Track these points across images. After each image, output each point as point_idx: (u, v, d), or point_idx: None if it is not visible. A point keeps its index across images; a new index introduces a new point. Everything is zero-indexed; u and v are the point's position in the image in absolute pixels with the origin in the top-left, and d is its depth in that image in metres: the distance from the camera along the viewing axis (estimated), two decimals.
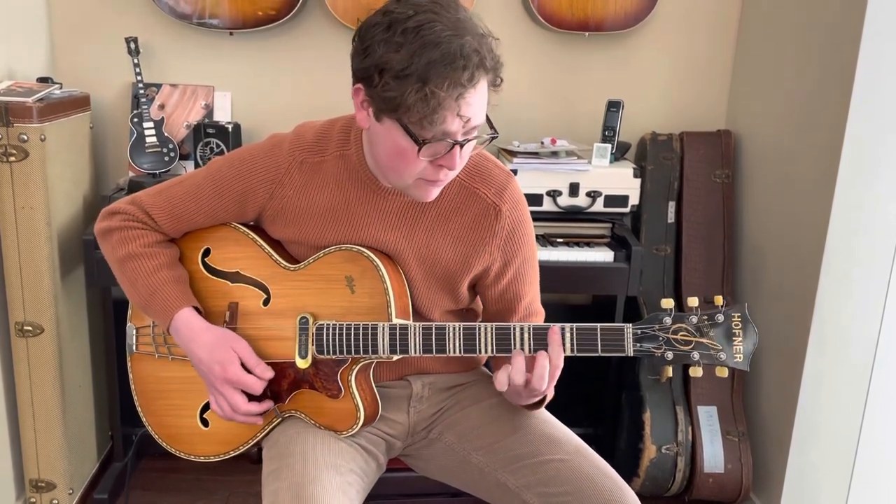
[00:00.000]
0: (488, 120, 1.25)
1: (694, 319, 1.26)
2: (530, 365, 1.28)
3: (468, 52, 1.13)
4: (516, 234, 1.39)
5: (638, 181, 2.28)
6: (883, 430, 2.11)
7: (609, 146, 2.31)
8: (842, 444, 2.12)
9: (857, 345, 2.06)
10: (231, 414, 1.36)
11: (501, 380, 1.28)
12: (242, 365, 1.35)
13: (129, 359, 1.50)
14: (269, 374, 1.36)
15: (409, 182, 1.27)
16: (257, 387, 1.35)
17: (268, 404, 1.38)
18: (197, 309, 1.39)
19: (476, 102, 1.17)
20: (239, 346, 1.35)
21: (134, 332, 1.49)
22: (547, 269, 2.10)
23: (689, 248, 2.44)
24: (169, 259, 1.41)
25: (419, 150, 1.19)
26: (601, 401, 2.51)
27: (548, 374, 1.27)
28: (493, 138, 1.28)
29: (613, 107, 2.34)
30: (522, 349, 1.29)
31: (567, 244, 2.25)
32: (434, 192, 1.29)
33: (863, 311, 2.04)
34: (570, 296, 2.69)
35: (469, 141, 1.22)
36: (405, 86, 1.13)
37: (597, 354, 1.28)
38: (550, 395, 1.36)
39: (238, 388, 1.35)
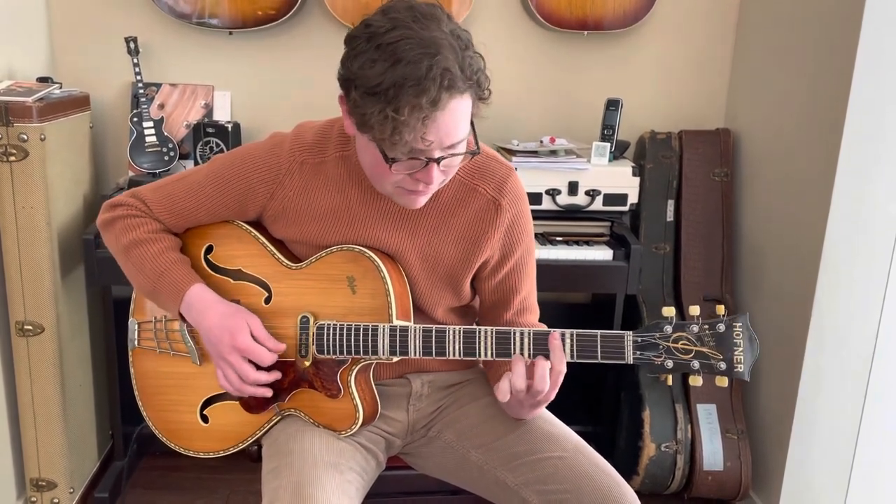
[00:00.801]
0: (474, 134, 1.24)
1: (695, 328, 1.26)
2: (530, 371, 1.28)
3: (435, 74, 1.11)
4: (516, 227, 1.40)
5: (637, 180, 2.28)
6: (882, 428, 2.11)
7: (608, 145, 2.31)
8: (841, 442, 2.13)
9: (856, 342, 2.06)
10: (239, 384, 1.35)
11: (504, 388, 1.27)
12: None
13: (130, 354, 1.50)
14: (281, 347, 1.36)
15: (389, 190, 1.27)
16: (266, 357, 1.34)
17: (276, 374, 1.37)
18: None
19: (446, 124, 1.16)
20: (251, 320, 1.35)
21: (136, 326, 1.49)
22: (546, 268, 2.12)
23: (688, 247, 2.44)
24: (173, 243, 1.42)
25: (390, 167, 1.20)
26: (600, 399, 2.51)
27: (549, 376, 1.27)
28: (475, 154, 1.27)
29: (612, 105, 2.34)
30: (522, 354, 1.30)
31: (566, 243, 2.25)
32: (419, 201, 1.29)
33: (861, 308, 2.04)
34: (569, 294, 2.70)
35: (445, 158, 1.20)
36: (370, 105, 1.13)
37: (596, 361, 1.29)
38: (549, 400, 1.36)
39: (247, 357, 1.34)
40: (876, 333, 2.06)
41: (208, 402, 1.45)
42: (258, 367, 1.35)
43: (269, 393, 1.38)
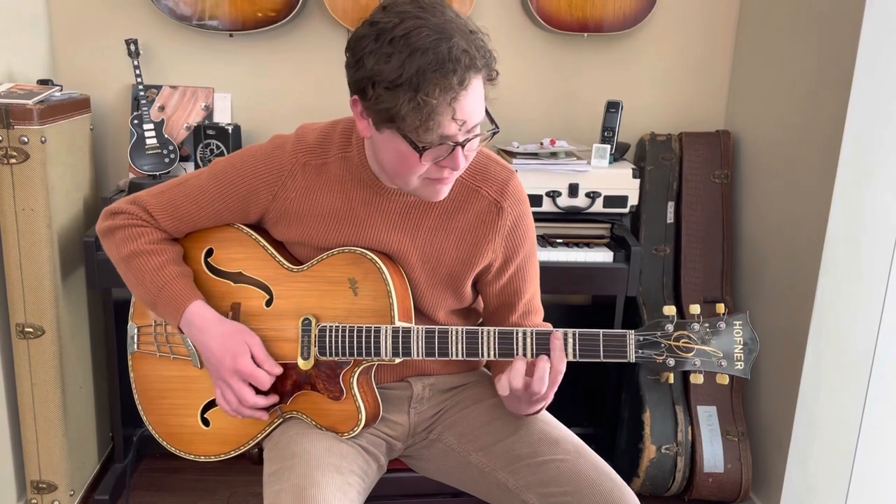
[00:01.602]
0: (489, 115, 1.25)
1: (696, 327, 1.27)
2: (531, 369, 1.29)
3: (457, 55, 1.13)
4: (518, 229, 1.40)
5: (637, 182, 2.29)
6: (882, 429, 2.12)
7: (608, 147, 2.31)
8: (841, 443, 2.13)
9: (857, 344, 2.06)
10: (237, 407, 1.36)
11: (503, 383, 1.28)
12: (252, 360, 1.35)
13: (130, 358, 1.50)
14: (278, 370, 1.36)
15: (415, 184, 1.27)
16: (266, 381, 1.35)
17: (273, 399, 1.38)
18: None
19: (471, 103, 1.18)
20: (251, 340, 1.36)
21: (135, 330, 1.49)
22: (546, 270, 2.11)
23: (688, 249, 2.44)
24: (175, 255, 1.42)
25: (420, 157, 1.20)
26: (601, 400, 2.51)
27: (548, 377, 1.28)
28: (495, 133, 1.28)
29: (612, 107, 2.34)
30: (525, 354, 1.30)
31: (566, 245, 2.25)
32: (444, 191, 1.30)
33: (862, 309, 2.04)
34: (569, 296, 2.70)
35: (470, 140, 1.22)
36: (397, 96, 1.14)
37: (599, 360, 1.29)
38: (549, 400, 1.37)
39: (246, 380, 1.35)
40: (876, 335, 2.06)
41: (209, 405, 1.45)
42: (257, 391, 1.37)
43: (265, 417, 1.39)
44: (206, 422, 1.45)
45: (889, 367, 2.07)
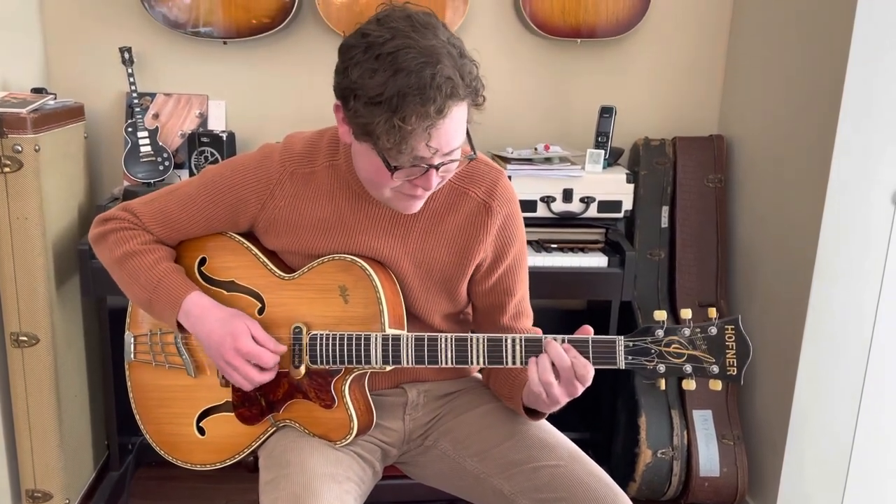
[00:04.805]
0: (469, 139, 1.25)
1: (686, 332, 1.26)
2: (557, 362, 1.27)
3: (440, 82, 1.13)
4: (507, 228, 1.40)
5: (631, 186, 2.29)
6: (877, 433, 2.12)
7: (602, 152, 2.32)
8: (837, 447, 2.13)
9: (851, 347, 2.07)
10: (246, 386, 1.36)
11: (534, 380, 1.27)
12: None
13: (126, 367, 1.50)
14: (282, 348, 1.36)
15: (387, 196, 1.28)
16: (268, 359, 1.34)
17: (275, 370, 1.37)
18: None
19: (448, 132, 1.17)
20: (250, 322, 1.35)
21: (132, 340, 1.49)
22: (541, 275, 2.13)
23: (682, 253, 2.45)
24: (167, 253, 1.42)
25: (392, 175, 1.20)
26: (597, 405, 2.51)
27: (551, 370, 1.26)
28: (471, 159, 1.28)
29: (606, 113, 2.35)
30: (514, 361, 1.30)
31: (561, 250, 2.26)
32: (415, 206, 1.30)
33: (856, 313, 2.05)
34: (564, 301, 2.70)
35: (445, 164, 1.22)
36: (374, 114, 1.14)
37: None
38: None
39: (249, 360, 1.33)
40: (870, 338, 2.06)
41: (204, 415, 1.45)
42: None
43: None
44: (201, 430, 1.45)
45: (884, 371, 2.08)
